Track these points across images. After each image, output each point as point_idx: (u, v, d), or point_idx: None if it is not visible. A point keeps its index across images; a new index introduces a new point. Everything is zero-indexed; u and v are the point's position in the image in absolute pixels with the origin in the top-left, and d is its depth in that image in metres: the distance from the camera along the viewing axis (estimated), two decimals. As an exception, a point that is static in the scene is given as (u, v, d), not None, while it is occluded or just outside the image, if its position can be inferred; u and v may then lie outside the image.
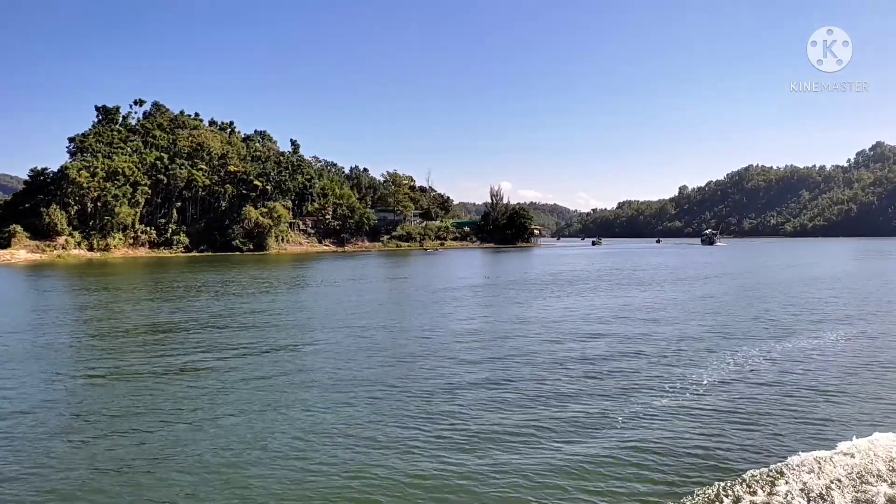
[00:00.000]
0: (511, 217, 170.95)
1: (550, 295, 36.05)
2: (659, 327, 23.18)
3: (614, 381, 14.81)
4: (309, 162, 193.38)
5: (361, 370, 16.42)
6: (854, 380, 14.74)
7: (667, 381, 14.72)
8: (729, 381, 14.60)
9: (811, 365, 16.38)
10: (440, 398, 13.48)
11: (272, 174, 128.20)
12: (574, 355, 17.98)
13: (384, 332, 22.92)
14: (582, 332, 22.31)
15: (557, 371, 15.98)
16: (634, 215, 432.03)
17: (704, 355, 17.75)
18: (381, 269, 66.91)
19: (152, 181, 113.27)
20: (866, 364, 16.53)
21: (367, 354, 18.58)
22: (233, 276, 53.68)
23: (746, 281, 44.27)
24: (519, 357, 17.84)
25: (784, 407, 12.56)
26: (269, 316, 27.48)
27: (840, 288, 37.94)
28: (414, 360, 17.52)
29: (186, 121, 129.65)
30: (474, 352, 18.82)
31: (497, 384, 14.63)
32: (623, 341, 20.43)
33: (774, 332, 21.58)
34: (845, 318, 24.90)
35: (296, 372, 16.37)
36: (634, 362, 16.94)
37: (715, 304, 30.26)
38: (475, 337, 21.61)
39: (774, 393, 13.59)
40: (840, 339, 19.94)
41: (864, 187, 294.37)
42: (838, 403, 12.80)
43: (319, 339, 21.54)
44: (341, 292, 38.91)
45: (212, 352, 19.41)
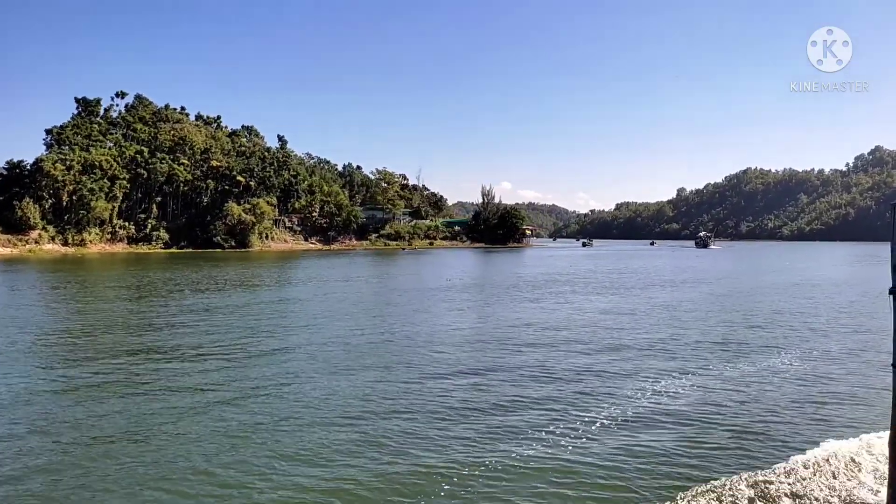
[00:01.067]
0: (502, 217, 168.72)
1: (503, 299, 33.80)
2: (587, 340, 20.91)
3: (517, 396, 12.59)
4: (301, 158, 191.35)
5: (306, 388, 14.16)
6: (786, 406, 12.49)
7: (567, 407, 12.44)
8: (632, 416, 12.30)
9: (743, 392, 14.10)
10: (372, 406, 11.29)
11: (256, 170, 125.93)
12: (479, 368, 15.70)
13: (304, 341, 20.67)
14: (511, 342, 20.06)
15: (476, 388, 13.72)
16: (632, 217, 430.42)
17: (619, 378, 15.46)
18: (346, 268, 64.64)
19: (131, 175, 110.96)
20: (800, 389, 14.26)
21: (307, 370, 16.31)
22: (203, 275, 51.40)
23: (720, 287, 41.98)
24: (443, 366, 15.61)
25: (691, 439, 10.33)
26: (224, 317, 25.26)
27: (816, 297, 35.65)
28: (347, 371, 15.27)
29: (169, 114, 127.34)
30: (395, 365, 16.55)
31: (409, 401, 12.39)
32: (549, 352, 18.19)
33: (717, 350, 19.27)
34: (803, 334, 22.61)
35: (246, 379, 14.45)
36: (545, 379, 14.67)
37: (670, 314, 27.94)
38: (388, 348, 19.34)
39: (679, 421, 11.34)
40: (789, 361, 17.63)
41: (863, 192, 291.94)
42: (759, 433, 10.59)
43: (264, 345, 19.29)
44: (288, 295, 36.65)
45: (164, 358, 17.42)
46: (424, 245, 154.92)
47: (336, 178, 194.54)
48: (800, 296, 36.07)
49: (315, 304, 31.39)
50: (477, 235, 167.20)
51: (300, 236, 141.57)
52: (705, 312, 28.28)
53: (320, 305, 31.01)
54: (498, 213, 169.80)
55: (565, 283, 45.14)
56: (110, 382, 14.93)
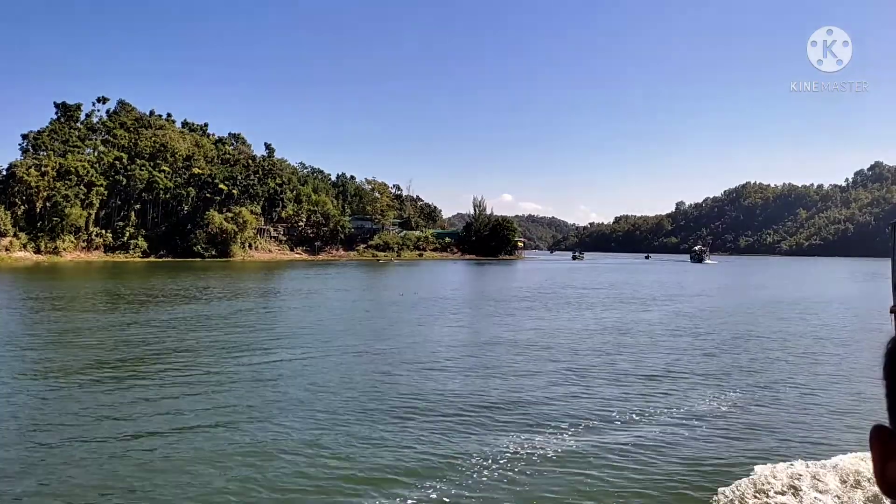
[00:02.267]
0: (494, 229, 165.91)
1: (439, 316, 31.04)
2: (502, 364, 18.13)
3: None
4: (295, 168, 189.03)
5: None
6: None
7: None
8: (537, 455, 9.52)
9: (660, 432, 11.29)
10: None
11: (240, 178, 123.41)
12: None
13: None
14: (424, 365, 17.30)
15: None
16: (631, 230, 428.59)
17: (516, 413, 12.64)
18: (316, 281, 61.87)
19: (110, 182, 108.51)
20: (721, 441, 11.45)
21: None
22: (164, 285, 48.64)
23: (694, 306, 39.10)
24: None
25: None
26: (172, 331, 22.50)
27: (791, 318, 32.83)
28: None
29: (152, 120, 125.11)
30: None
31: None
32: (458, 378, 15.41)
33: (633, 386, 16.44)
34: (763, 362, 19.79)
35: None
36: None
37: (612, 337, 25.09)
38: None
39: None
40: (713, 399, 14.78)
41: (862, 207, 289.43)
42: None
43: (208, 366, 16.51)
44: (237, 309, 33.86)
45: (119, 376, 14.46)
46: (413, 256, 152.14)
47: (329, 187, 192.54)
48: (776, 316, 33.23)
49: (262, 319, 28.61)
50: (468, 247, 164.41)
51: (286, 246, 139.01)
52: (651, 336, 25.37)
53: (266, 321, 28.24)
54: (490, 225, 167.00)
55: (525, 298, 42.30)
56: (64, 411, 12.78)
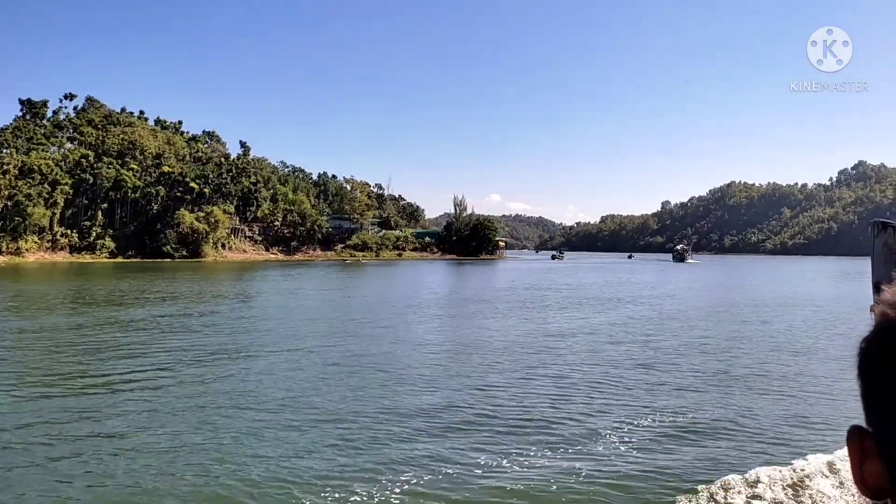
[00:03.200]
0: (475, 228, 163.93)
1: (382, 322, 29.03)
2: (420, 373, 16.16)
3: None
4: (275, 167, 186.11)
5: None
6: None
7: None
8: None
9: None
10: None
11: (212, 176, 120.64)
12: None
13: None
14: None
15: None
16: (617, 229, 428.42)
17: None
18: (283, 282, 59.69)
19: (75, 181, 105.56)
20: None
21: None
22: (123, 287, 46.25)
23: (655, 309, 37.29)
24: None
25: None
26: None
27: (751, 321, 31.10)
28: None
29: (122, 118, 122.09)
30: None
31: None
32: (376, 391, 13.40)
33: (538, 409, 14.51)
34: (690, 376, 17.94)
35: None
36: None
37: (561, 341, 23.25)
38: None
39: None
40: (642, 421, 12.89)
41: (846, 206, 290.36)
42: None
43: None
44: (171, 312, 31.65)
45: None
46: (392, 256, 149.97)
47: (310, 187, 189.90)
48: (739, 320, 31.46)
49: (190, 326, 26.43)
50: (448, 247, 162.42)
51: (261, 246, 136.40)
52: (590, 343, 23.50)
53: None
54: (470, 224, 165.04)
55: (481, 300, 40.40)
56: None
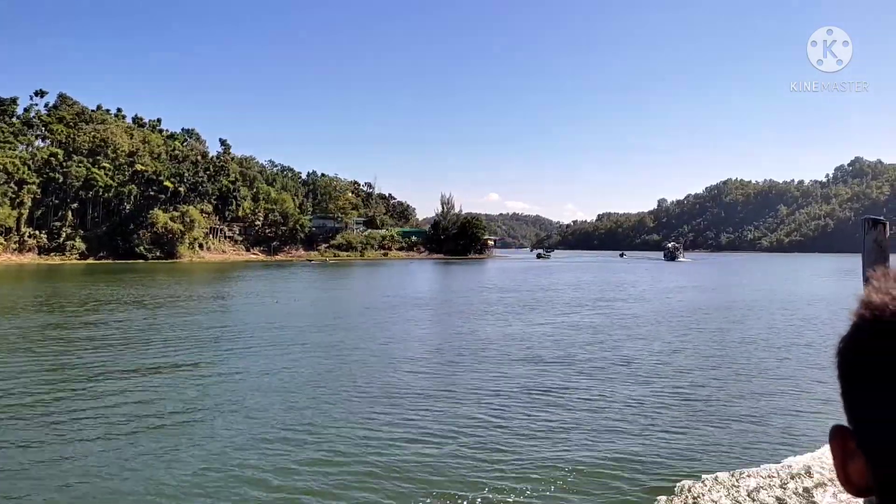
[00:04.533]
0: (462, 227, 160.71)
1: (313, 329, 25.84)
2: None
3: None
4: (263, 166, 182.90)
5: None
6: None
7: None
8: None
9: None
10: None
11: (187, 175, 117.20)
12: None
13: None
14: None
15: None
16: (613, 228, 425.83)
17: None
18: (251, 283, 56.39)
19: (44, 180, 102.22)
20: None
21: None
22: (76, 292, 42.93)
23: (618, 313, 34.06)
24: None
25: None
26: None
27: (726, 327, 27.88)
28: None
29: (95, 115, 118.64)
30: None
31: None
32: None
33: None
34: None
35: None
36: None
37: (491, 351, 20.03)
38: None
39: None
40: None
41: (842, 203, 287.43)
42: None
43: None
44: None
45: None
46: (377, 256, 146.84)
47: (299, 186, 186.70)
48: (698, 327, 28.20)
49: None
50: (436, 246, 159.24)
51: (241, 246, 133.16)
52: (524, 355, 20.27)
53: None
54: (458, 223, 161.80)
55: (425, 304, 37.12)
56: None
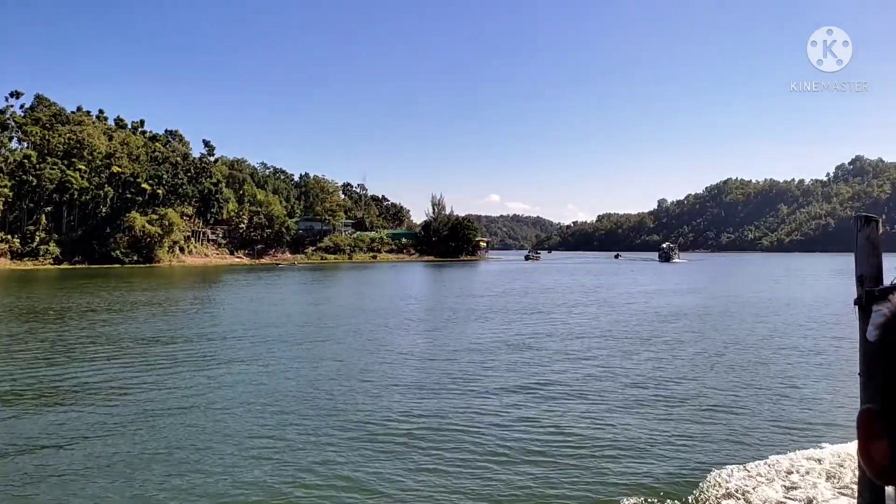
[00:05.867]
0: (454, 228, 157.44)
1: (247, 341, 22.67)
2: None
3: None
4: (254, 168, 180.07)
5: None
6: None
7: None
8: None
9: None
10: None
11: (166, 177, 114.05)
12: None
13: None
14: None
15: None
16: (613, 228, 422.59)
17: None
18: (220, 292, 53.23)
19: (16, 182, 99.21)
20: None
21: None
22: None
23: (565, 322, 30.89)
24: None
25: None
26: None
27: (674, 342, 24.65)
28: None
29: (71, 116, 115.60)
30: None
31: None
32: None
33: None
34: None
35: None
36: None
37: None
38: None
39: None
40: None
41: (843, 202, 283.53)
42: None
43: None
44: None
45: None
46: (366, 259, 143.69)
47: (291, 188, 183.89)
48: (646, 340, 24.94)
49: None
50: (426, 248, 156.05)
51: (226, 250, 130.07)
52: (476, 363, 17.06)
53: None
54: (449, 225, 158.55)
55: (361, 313, 33.86)
56: None
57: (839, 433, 11.47)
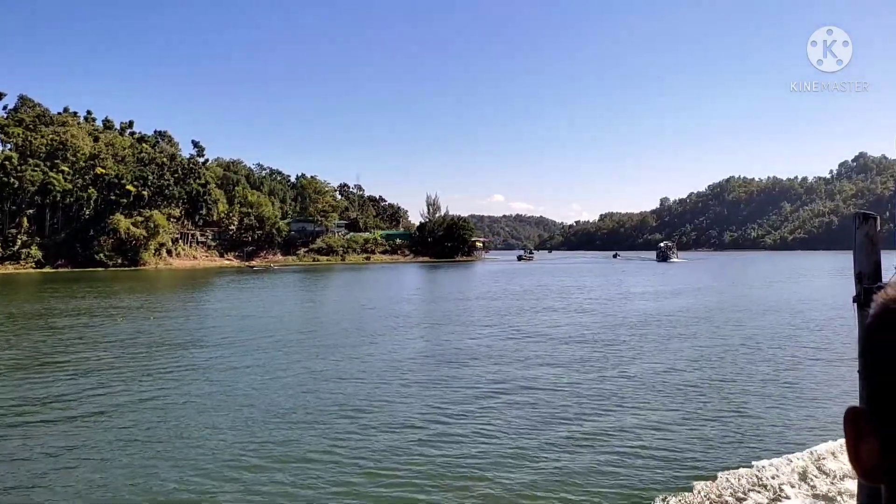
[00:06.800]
0: (449, 228, 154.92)
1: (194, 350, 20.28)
2: None
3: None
4: (250, 169, 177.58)
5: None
6: None
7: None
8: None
9: None
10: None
11: (151, 178, 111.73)
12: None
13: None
14: None
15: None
16: (615, 228, 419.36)
17: None
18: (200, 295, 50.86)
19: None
20: None
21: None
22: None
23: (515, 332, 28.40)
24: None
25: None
26: None
27: (623, 359, 22.18)
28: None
29: (55, 117, 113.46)
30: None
31: None
32: None
33: None
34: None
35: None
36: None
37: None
38: None
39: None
40: None
41: (846, 199, 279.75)
42: None
43: None
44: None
45: None
46: (359, 260, 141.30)
47: (287, 189, 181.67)
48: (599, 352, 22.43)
49: None
50: (421, 249, 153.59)
51: (215, 252, 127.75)
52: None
53: None
54: (444, 225, 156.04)
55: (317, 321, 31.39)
56: None
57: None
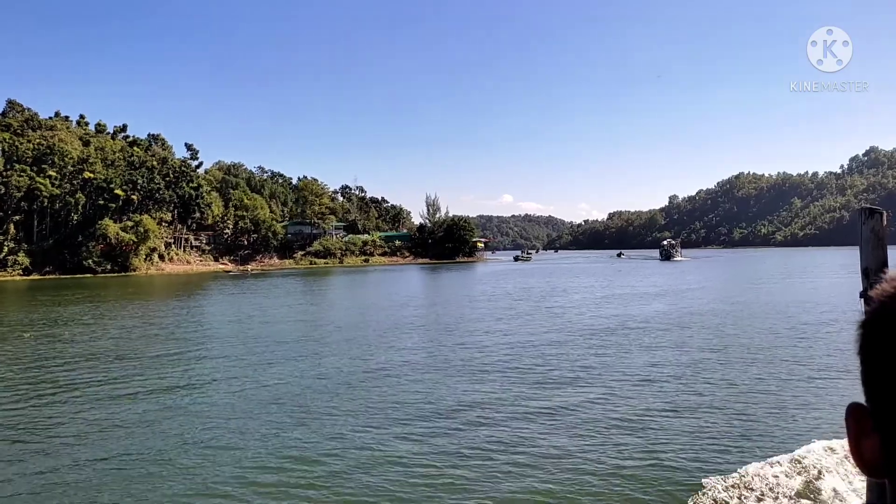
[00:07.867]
0: (449, 229, 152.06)
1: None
2: None
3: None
4: (251, 172, 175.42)
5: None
6: None
7: None
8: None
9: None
10: None
11: (141, 182, 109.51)
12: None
13: None
14: None
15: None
16: (624, 226, 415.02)
17: None
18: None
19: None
20: None
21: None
22: None
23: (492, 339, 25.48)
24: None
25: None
26: None
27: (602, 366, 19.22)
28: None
29: (44, 122, 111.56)
30: None
31: None
32: None
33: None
34: None
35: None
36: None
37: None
38: None
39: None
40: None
41: (857, 194, 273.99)
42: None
43: None
44: None
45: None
46: (358, 262, 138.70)
47: (289, 192, 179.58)
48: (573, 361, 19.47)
49: None
50: (421, 250, 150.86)
51: (210, 256, 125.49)
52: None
53: None
54: (444, 226, 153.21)
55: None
56: None
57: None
